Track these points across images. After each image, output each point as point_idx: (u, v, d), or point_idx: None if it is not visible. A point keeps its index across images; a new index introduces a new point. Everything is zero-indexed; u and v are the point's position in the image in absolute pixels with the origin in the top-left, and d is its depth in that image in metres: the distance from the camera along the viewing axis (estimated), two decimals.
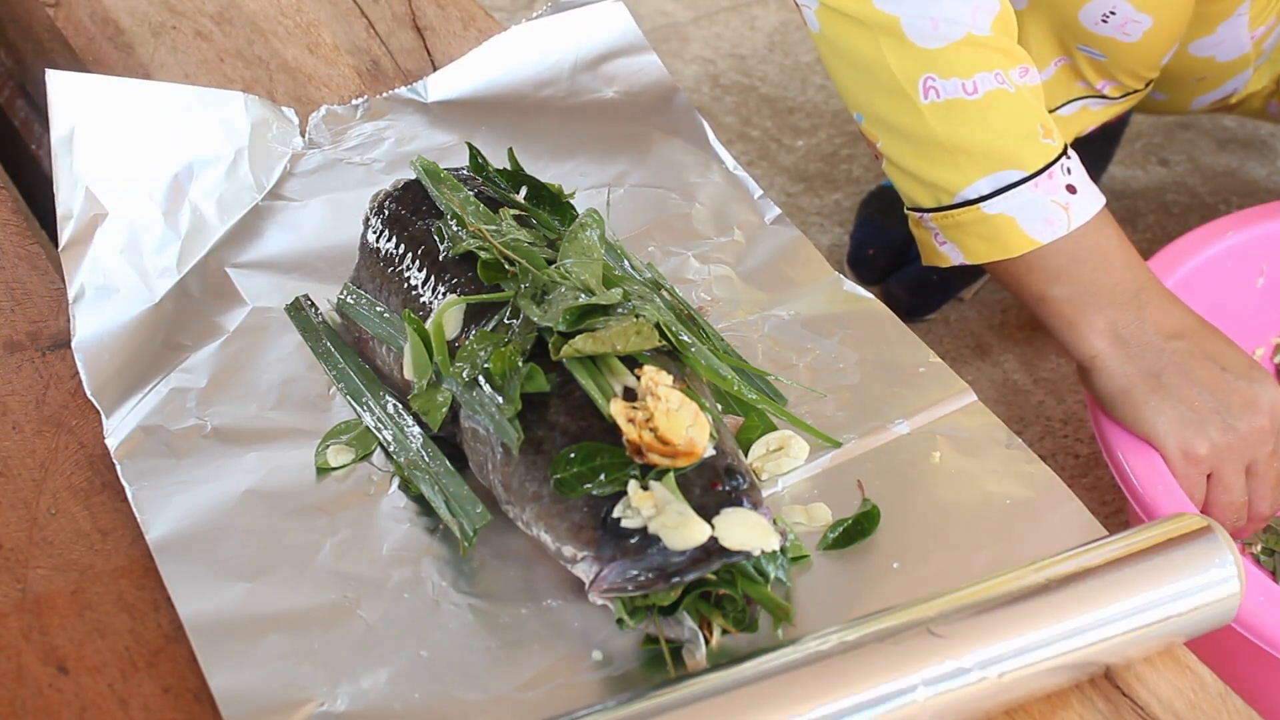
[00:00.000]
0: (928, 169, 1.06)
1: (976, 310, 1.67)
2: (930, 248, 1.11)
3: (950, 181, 1.04)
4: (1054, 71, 1.38)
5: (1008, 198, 1.03)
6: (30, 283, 0.94)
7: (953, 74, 1.02)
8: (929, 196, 1.07)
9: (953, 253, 1.09)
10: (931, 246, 1.11)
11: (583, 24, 1.11)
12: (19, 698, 0.73)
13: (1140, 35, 1.27)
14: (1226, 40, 1.37)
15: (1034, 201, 1.03)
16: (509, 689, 0.72)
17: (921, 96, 1.03)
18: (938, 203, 1.07)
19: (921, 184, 1.07)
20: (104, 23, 1.15)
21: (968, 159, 1.04)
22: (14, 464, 0.84)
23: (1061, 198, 1.04)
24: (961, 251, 1.08)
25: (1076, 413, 1.54)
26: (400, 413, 0.83)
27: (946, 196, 1.06)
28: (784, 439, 0.82)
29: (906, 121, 1.05)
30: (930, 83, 1.03)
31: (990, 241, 1.05)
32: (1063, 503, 0.80)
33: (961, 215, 1.05)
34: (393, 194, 0.91)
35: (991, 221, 1.04)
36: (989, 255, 1.06)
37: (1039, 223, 1.04)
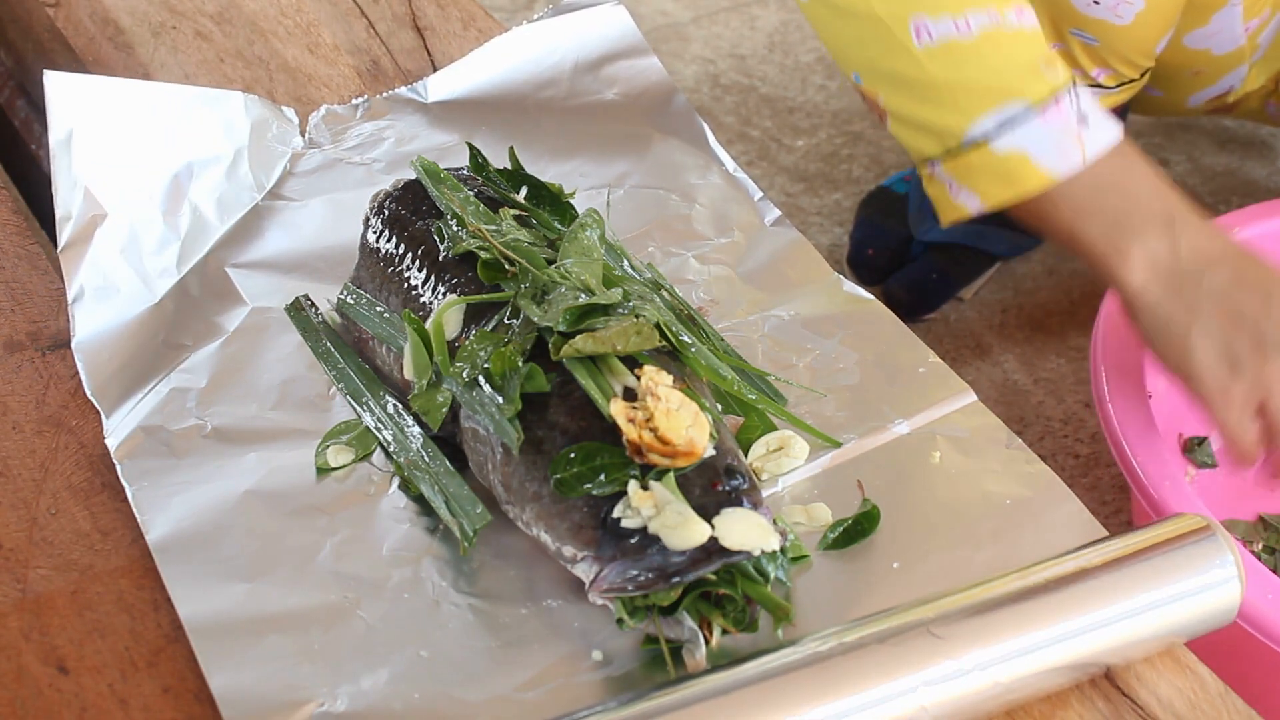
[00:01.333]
0: (930, 114, 1.03)
1: (976, 310, 1.67)
2: (946, 202, 1.07)
3: (954, 123, 1.02)
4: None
5: (1016, 133, 1.00)
6: (30, 283, 0.94)
7: (942, 11, 1.00)
8: (936, 144, 1.04)
9: (970, 200, 1.05)
10: (948, 200, 1.07)
11: (583, 26, 1.10)
12: (19, 698, 0.73)
13: (1132, 18, 1.27)
14: (1221, 32, 1.36)
15: (1044, 134, 1.00)
16: (509, 689, 0.72)
17: (914, 39, 1.01)
18: (945, 148, 1.04)
19: (927, 132, 1.04)
20: (104, 23, 1.15)
21: (968, 97, 1.01)
22: (14, 464, 0.84)
23: (1074, 128, 1.00)
24: (978, 196, 1.04)
25: (1076, 413, 1.54)
26: (400, 413, 0.83)
27: (953, 140, 1.03)
28: (784, 439, 0.82)
29: (902, 68, 1.02)
30: (921, 23, 1.00)
31: (1005, 181, 1.02)
32: (1063, 503, 0.80)
33: (972, 158, 1.02)
34: (393, 194, 0.91)
35: (1003, 160, 1.01)
36: (1006, 196, 1.03)
37: (1053, 155, 1.00)
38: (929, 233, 1.64)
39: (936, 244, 1.64)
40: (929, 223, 1.63)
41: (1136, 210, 1.01)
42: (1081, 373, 1.59)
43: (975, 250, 1.65)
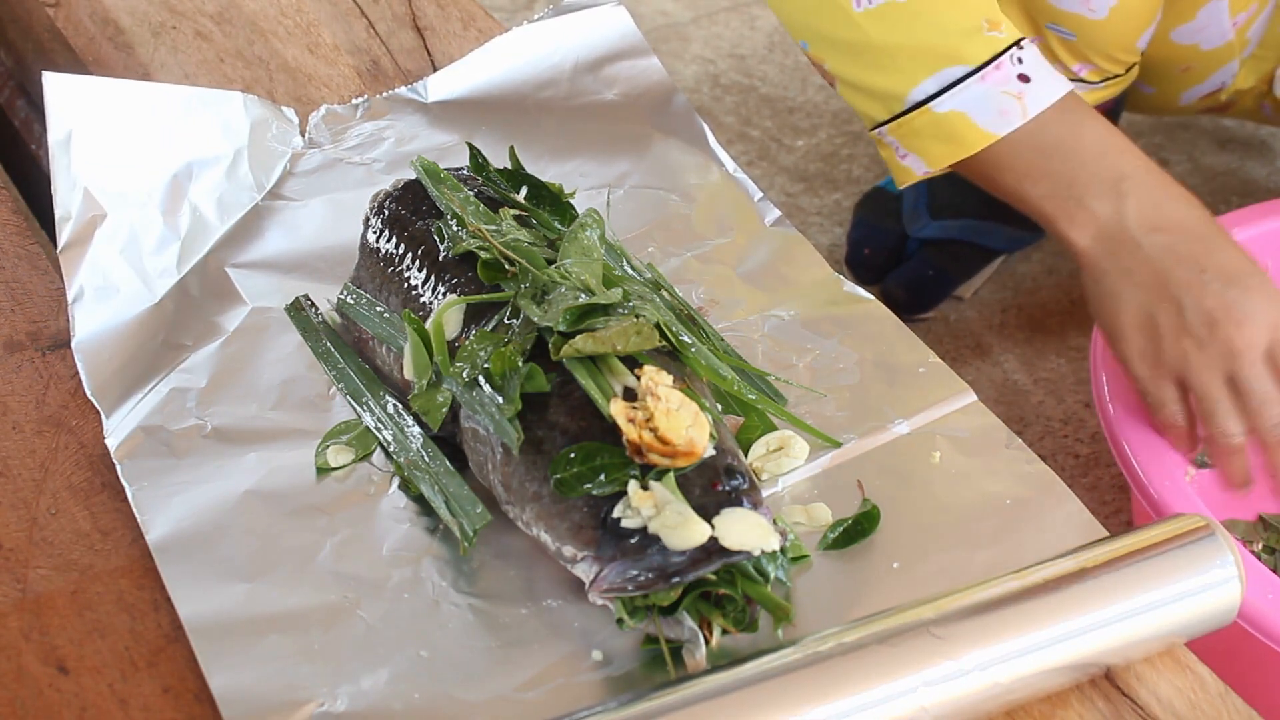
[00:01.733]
0: (873, 78, 1.03)
1: (976, 310, 1.67)
2: (895, 165, 1.08)
3: (896, 86, 1.02)
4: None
5: (956, 94, 1.00)
6: (30, 283, 0.94)
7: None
8: (881, 108, 1.04)
9: (915, 164, 1.06)
10: (896, 163, 1.08)
11: (583, 26, 1.10)
12: (19, 698, 0.73)
13: (1107, 12, 1.27)
14: (1208, 27, 1.36)
15: (984, 94, 1.00)
16: (509, 689, 0.72)
17: (854, 3, 1.01)
18: (890, 113, 1.04)
19: (872, 96, 1.04)
20: (104, 23, 1.15)
21: (909, 60, 1.01)
22: (14, 464, 0.84)
23: (1014, 87, 1.00)
24: (922, 159, 1.05)
25: (1076, 413, 1.54)
26: (400, 413, 0.83)
27: (897, 104, 1.03)
28: (784, 439, 0.82)
29: (844, 33, 1.03)
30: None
31: (946, 142, 1.02)
32: (1063, 503, 0.80)
33: (915, 120, 1.02)
34: (393, 194, 0.91)
35: (944, 120, 1.01)
36: (948, 157, 1.03)
37: (993, 114, 1.00)
38: (923, 230, 1.64)
39: (932, 241, 1.64)
40: (923, 220, 1.63)
41: (1083, 171, 1.00)
42: (1081, 373, 1.59)
43: (972, 245, 1.65)
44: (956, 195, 1.63)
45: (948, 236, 1.63)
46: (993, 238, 1.65)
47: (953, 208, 1.63)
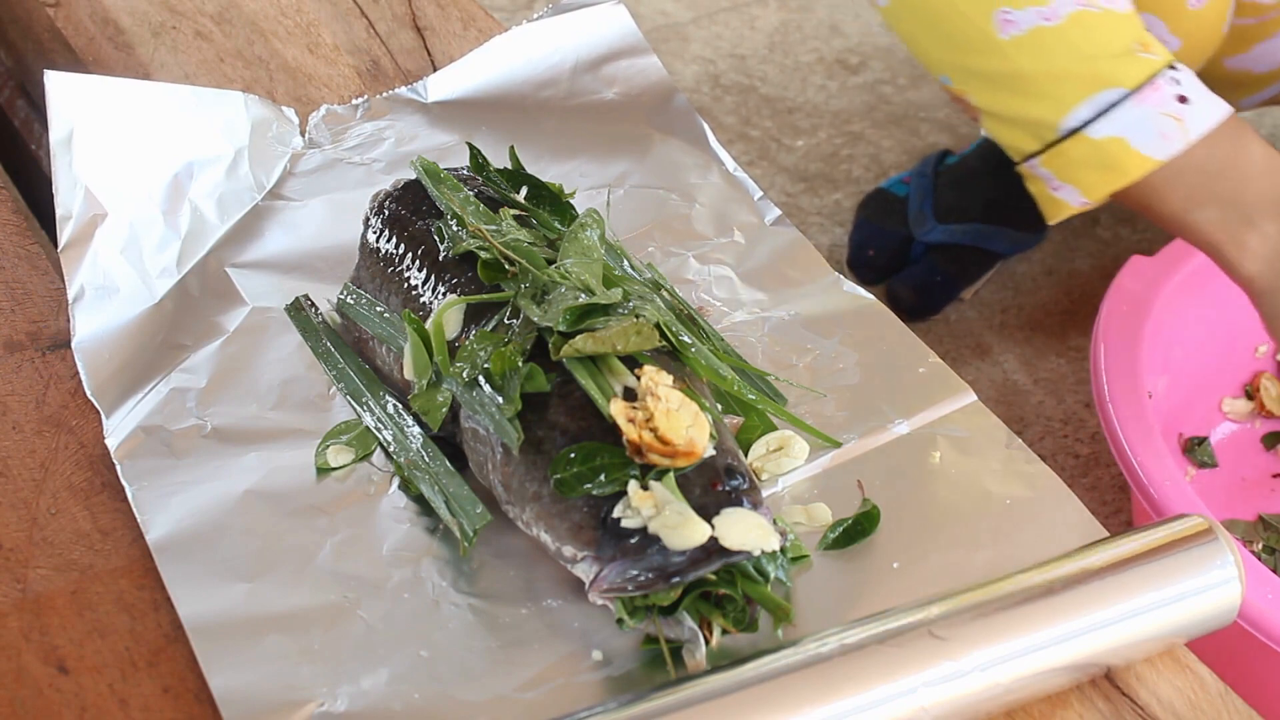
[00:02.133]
0: (1023, 107, 1.00)
1: (976, 310, 1.67)
2: (1047, 199, 1.04)
3: (1048, 114, 0.98)
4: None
5: (1112, 118, 0.96)
6: (30, 283, 0.94)
7: (1027, 3, 0.96)
8: (1032, 138, 1.00)
9: (1070, 195, 1.01)
10: (1048, 197, 1.03)
11: (583, 25, 1.10)
12: (19, 698, 0.73)
13: (1203, 4, 1.25)
14: (1263, 57, 1.34)
15: (1142, 117, 0.95)
16: (509, 689, 0.72)
17: (1000, 32, 0.97)
18: (1043, 142, 1.00)
19: (1022, 127, 1.00)
20: (104, 23, 1.15)
21: (1061, 86, 0.97)
22: (14, 464, 0.84)
23: (1173, 109, 0.96)
24: (1079, 190, 1.00)
25: (1076, 413, 1.54)
26: (400, 413, 0.83)
27: (1049, 132, 0.99)
28: (784, 439, 0.82)
29: (991, 64, 0.99)
30: (1006, 17, 0.97)
31: (1105, 170, 0.98)
32: (1063, 503, 0.80)
33: (1070, 149, 0.98)
34: (393, 194, 0.91)
35: (1101, 147, 0.97)
36: (1107, 185, 0.99)
37: (1153, 138, 0.96)
38: (930, 234, 1.64)
39: (938, 245, 1.64)
40: (929, 224, 1.63)
41: (1249, 192, 0.97)
42: (1081, 373, 1.59)
43: (978, 250, 1.65)
44: (962, 199, 1.63)
45: (954, 241, 1.63)
46: (998, 242, 1.65)
47: (959, 212, 1.63)
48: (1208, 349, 1.35)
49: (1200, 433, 1.35)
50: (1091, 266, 1.72)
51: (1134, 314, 1.22)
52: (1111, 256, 1.72)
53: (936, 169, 1.69)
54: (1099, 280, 1.68)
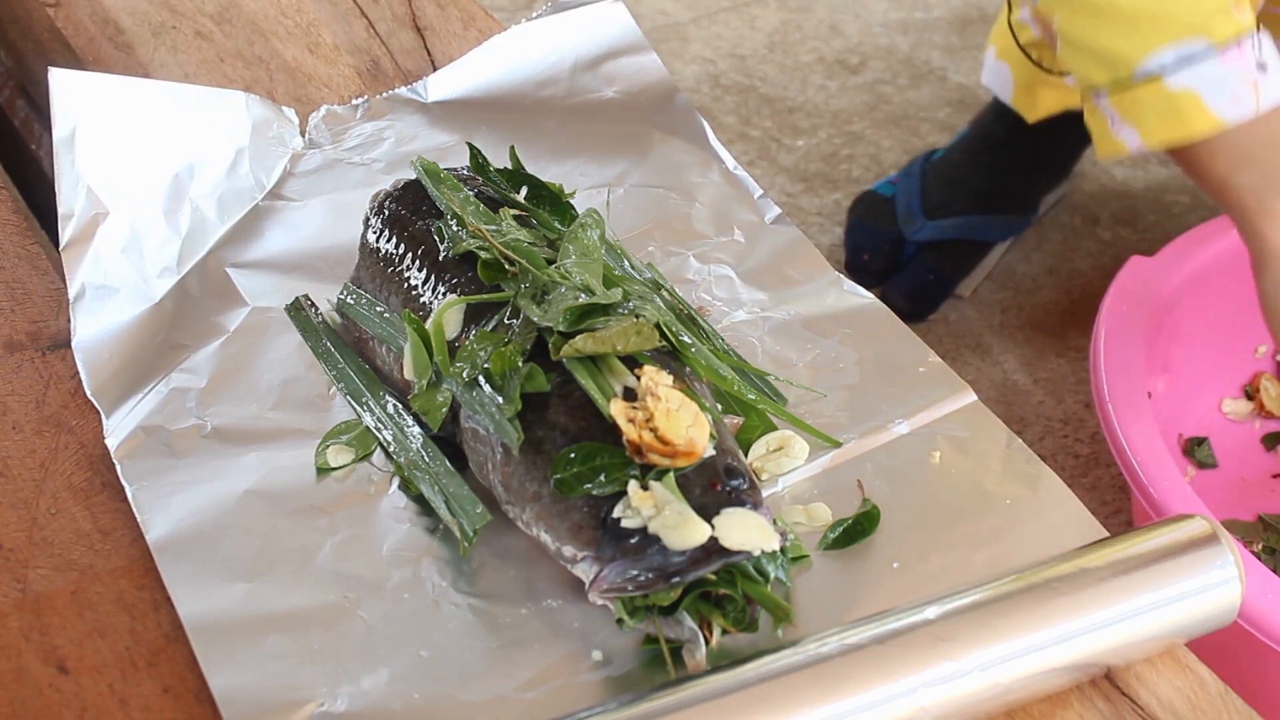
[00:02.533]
0: (1107, 39, 0.98)
1: (976, 310, 1.67)
2: (1105, 135, 1.03)
3: (1130, 50, 0.97)
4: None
5: (1193, 71, 0.95)
6: (30, 283, 0.94)
7: None
8: (1106, 72, 0.99)
9: (1130, 136, 1.01)
10: (1106, 134, 1.03)
11: (583, 24, 1.10)
12: (19, 698, 0.73)
13: None
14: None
15: (1222, 76, 0.95)
16: (509, 689, 0.72)
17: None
18: (1114, 78, 0.99)
19: (1099, 59, 0.99)
20: (104, 23, 1.15)
21: (1152, 25, 0.96)
22: (14, 464, 0.84)
23: (1252, 74, 0.95)
24: (1139, 132, 1.00)
25: (1076, 413, 1.54)
26: (400, 413, 0.83)
27: (1125, 69, 0.98)
28: (784, 439, 0.82)
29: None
30: None
31: (1171, 120, 0.97)
32: (1063, 503, 0.80)
33: (1141, 91, 0.98)
34: (393, 194, 0.91)
35: (1174, 98, 0.96)
36: (1169, 135, 0.98)
37: (1225, 100, 0.96)
38: (920, 232, 1.64)
39: (929, 243, 1.64)
40: (919, 221, 1.63)
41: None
42: (1081, 373, 1.59)
43: (970, 243, 1.65)
44: (949, 193, 1.63)
45: (945, 237, 1.63)
46: (988, 230, 1.65)
47: (946, 206, 1.63)
48: (1207, 349, 1.35)
49: (1200, 433, 1.35)
50: (1091, 266, 1.72)
51: (1134, 315, 1.22)
52: (1111, 256, 1.72)
53: (924, 167, 1.69)
54: (1099, 280, 1.68)
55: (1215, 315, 1.33)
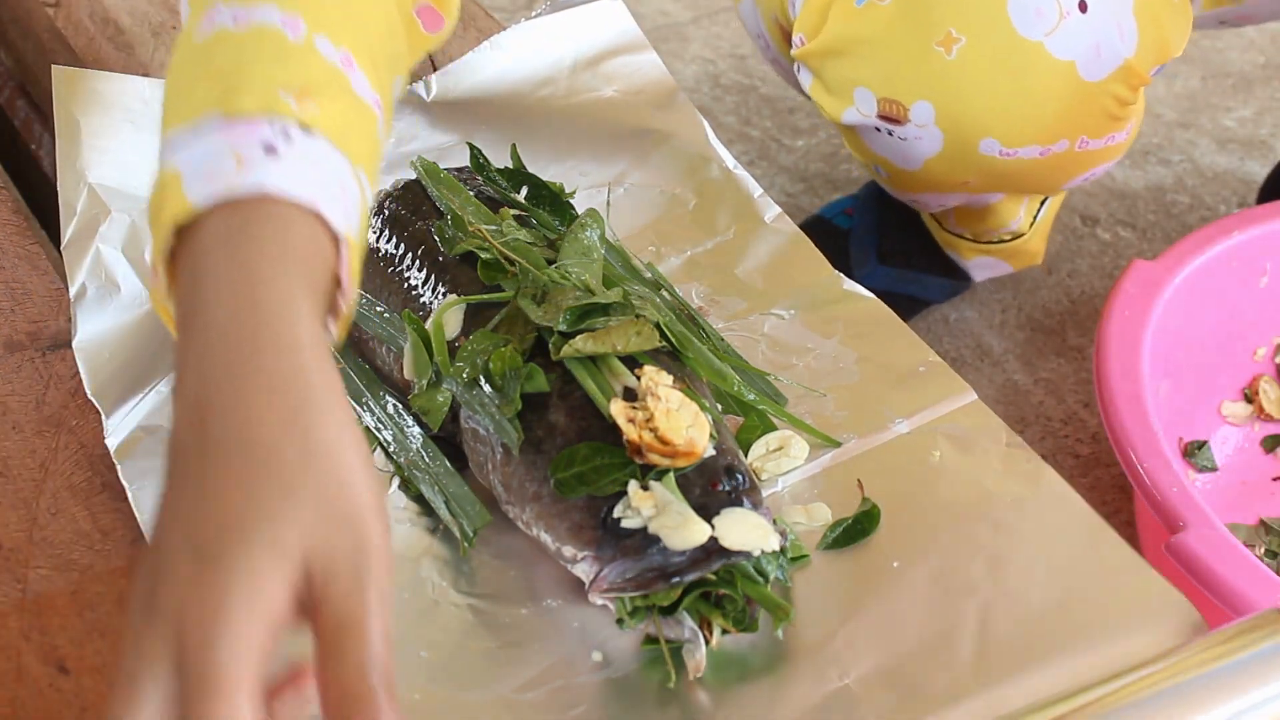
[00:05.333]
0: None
1: (976, 310, 1.67)
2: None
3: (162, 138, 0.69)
4: (1027, 202, 1.38)
5: (188, 145, 0.68)
6: (30, 283, 0.94)
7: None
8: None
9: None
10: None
11: (582, 23, 1.11)
12: (19, 698, 0.73)
13: (1114, 164, 1.28)
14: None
15: (214, 148, 0.67)
16: (509, 689, 0.72)
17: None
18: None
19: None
20: (104, 23, 1.15)
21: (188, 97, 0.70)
22: (14, 464, 0.84)
23: (254, 150, 0.65)
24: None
25: (1076, 413, 1.54)
26: (400, 413, 0.83)
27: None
28: (784, 439, 0.82)
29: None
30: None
31: (154, 208, 0.67)
32: (1063, 500, 0.80)
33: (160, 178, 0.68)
34: (393, 194, 0.91)
35: (161, 179, 0.68)
36: (153, 229, 0.67)
37: (202, 177, 0.66)
38: (869, 278, 1.59)
39: (873, 290, 1.60)
40: (871, 264, 1.60)
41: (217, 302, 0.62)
42: (1082, 373, 1.59)
43: (910, 298, 1.63)
44: (906, 242, 1.60)
45: (891, 289, 1.60)
46: (934, 291, 1.63)
47: (901, 255, 1.60)
48: (1207, 353, 1.35)
49: (1200, 436, 1.35)
50: (1091, 266, 1.72)
51: (1136, 319, 1.22)
52: (1111, 257, 1.72)
53: (880, 203, 1.65)
54: (1099, 280, 1.68)
55: (1214, 318, 1.33)
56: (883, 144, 1.18)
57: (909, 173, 1.23)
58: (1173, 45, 1.21)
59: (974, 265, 1.52)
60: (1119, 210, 1.78)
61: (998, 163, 1.20)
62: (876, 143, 1.19)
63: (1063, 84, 1.14)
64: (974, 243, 1.49)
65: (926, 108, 1.14)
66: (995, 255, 1.50)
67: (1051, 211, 1.46)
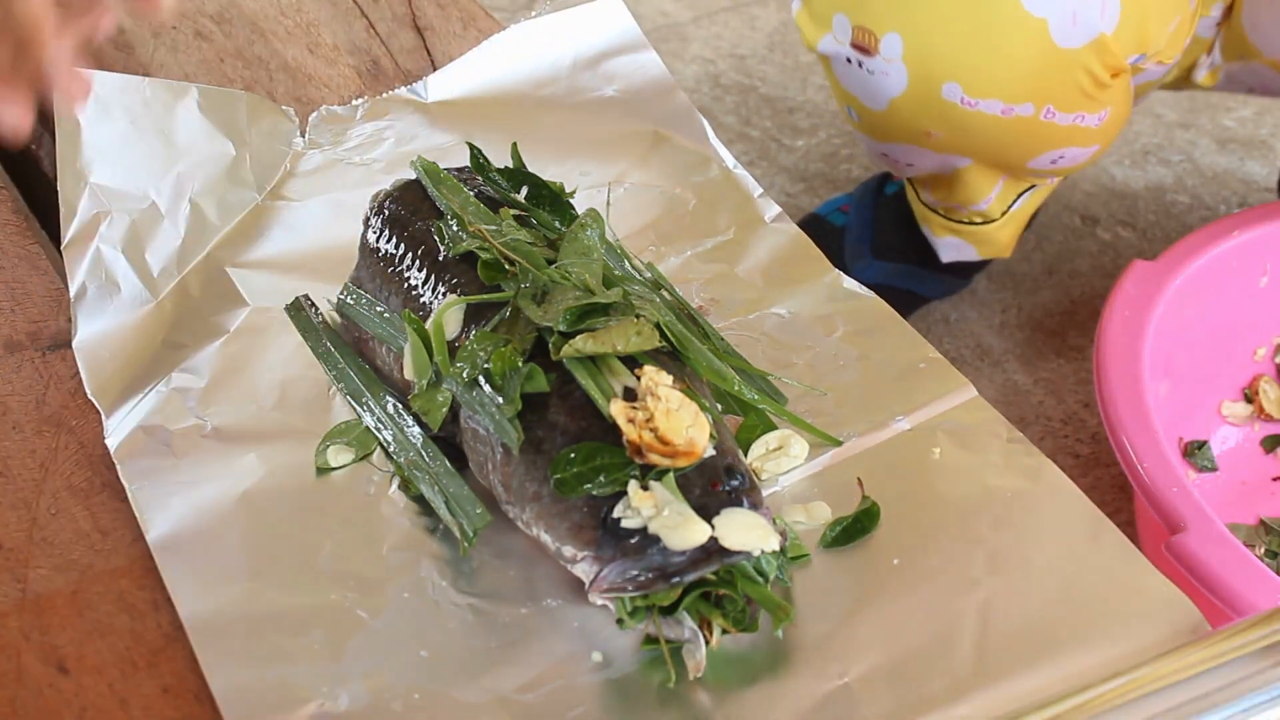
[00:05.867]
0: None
1: (976, 310, 1.67)
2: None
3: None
4: (1001, 186, 1.38)
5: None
6: (30, 283, 0.94)
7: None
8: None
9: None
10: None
11: (582, 23, 1.11)
12: (19, 698, 0.73)
13: (1088, 158, 1.28)
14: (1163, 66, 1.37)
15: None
16: (509, 689, 0.72)
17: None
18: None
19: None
20: None
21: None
22: (14, 464, 0.84)
23: None
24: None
25: (1076, 413, 1.54)
26: (400, 413, 0.83)
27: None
28: (784, 438, 0.82)
29: None
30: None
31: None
32: (1063, 495, 0.80)
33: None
34: (393, 194, 0.91)
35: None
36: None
37: None
38: (865, 272, 1.59)
39: (869, 285, 1.61)
40: (866, 259, 1.60)
41: None
42: (1081, 373, 1.59)
43: (908, 293, 1.62)
44: (901, 237, 1.59)
45: (887, 282, 1.60)
46: (931, 286, 1.62)
47: (897, 250, 1.60)
48: (1207, 353, 1.35)
49: (1200, 436, 1.35)
50: (1091, 266, 1.72)
51: (1136, 319, 1.22)
52: (1111, 257, 1.72)
53: (876, 200, 1.65)
54: (1099, 280, 1.68)
55: (1214, 318, 1.33)
56: (853, 78, 1.21)
57: (877, 114, 1.24)
58: (1154, 36, 1.22)
59: (943, 244, 1.51)
60: (1119, 210, 1.78)
61: (959, 112, 1.21)
62: (848, 77, 1.23)
63: (1032, 40, 1.15)
64: (945, 219, 1.48)
65: (895, 40, 1.17)
66: (963, 237, 1.49)
67: (1027, 208, 1.45)
